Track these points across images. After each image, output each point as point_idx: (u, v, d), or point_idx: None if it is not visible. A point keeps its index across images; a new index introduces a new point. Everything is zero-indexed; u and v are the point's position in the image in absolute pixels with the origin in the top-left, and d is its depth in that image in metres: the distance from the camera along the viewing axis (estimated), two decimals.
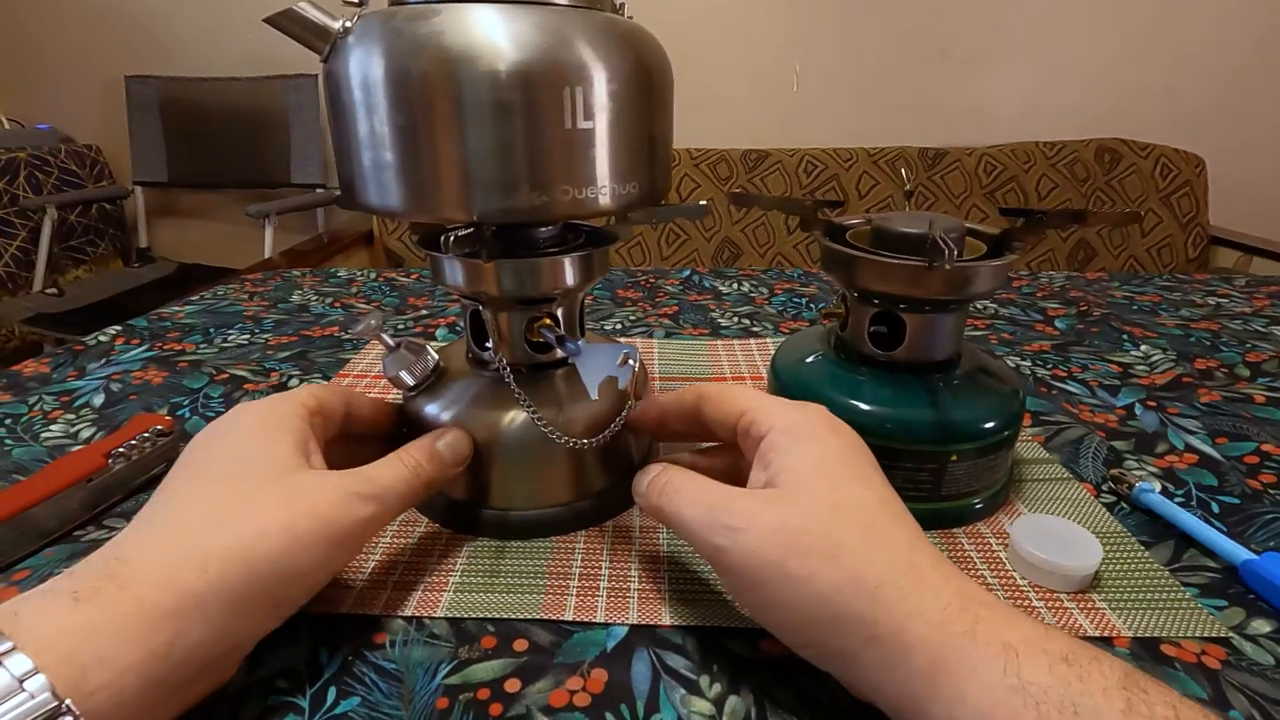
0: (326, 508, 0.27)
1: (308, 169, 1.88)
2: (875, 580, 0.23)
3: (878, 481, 0.27)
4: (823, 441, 0.28)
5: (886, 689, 0.23)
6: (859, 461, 0.28)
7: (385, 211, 0.31)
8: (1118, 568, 0.34)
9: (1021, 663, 0.20)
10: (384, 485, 0.29)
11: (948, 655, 0.21)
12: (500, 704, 0.27)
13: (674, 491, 0.28)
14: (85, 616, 0.21)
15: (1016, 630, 0.22)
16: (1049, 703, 0.19)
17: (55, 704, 0.19)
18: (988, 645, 0.21)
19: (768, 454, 0.28)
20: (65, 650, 0.20)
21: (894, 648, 0.22)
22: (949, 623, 0.22)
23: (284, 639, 0.30)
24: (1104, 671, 0.20)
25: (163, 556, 0.24)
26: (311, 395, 0.32)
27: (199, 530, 0.25)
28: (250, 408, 0.30)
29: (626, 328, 0.68)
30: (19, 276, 1.79)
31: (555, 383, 0.37)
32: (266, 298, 0.77)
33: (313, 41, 0.29)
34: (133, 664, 0.21)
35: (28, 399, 0.52)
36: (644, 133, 0.32)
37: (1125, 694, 0.19)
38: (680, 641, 0.30)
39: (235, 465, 0.27)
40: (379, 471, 0.30)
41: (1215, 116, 1.72)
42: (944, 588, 0.23)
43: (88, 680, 0.20)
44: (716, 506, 0.27)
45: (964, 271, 0.33)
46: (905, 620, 0.22)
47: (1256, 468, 0.42)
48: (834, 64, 1.76)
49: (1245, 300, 0.74)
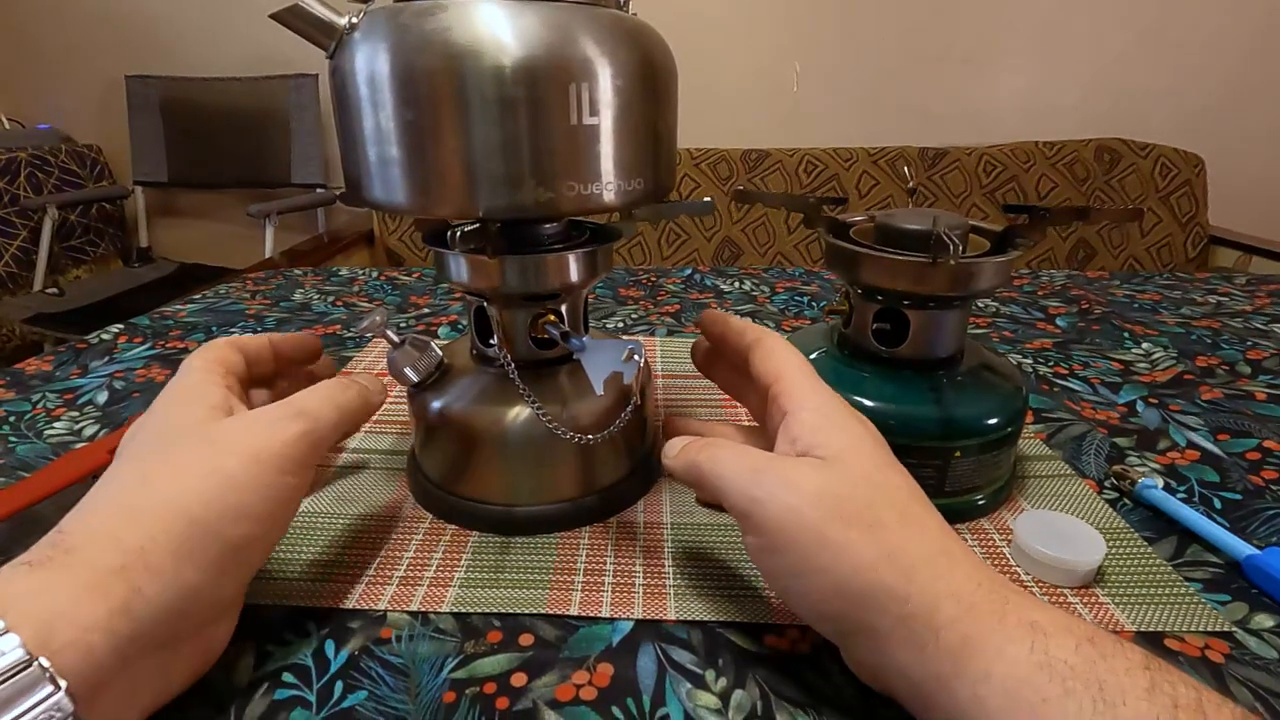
0: (249, 439, 0.27)
1: (308, 169, 1.88)
2: (911, 558, 0.24)
3: (905, 472, 0.28)
4: (855, 425, 0.28)
5: (910, 667, 0.23)
6: (886, 451, 0.28)
7: (391, 208, 0.31)
8: (1121, 563, 0.34)
9: (1049, 641, 0.21)
10: (307, 403, 0.29)
11: (976, 635, 0.22)
12: (507, 698, 0.27)
13: (715, 449, 0.28)
14: (41, 580, 0.21)
15: (1044, 613, 0.22)
16: (1075, 679, 0.20)
17: (26, 659, 0.19)
18: (1016, 625, 0.21)
19: (795, 429, 0.28)
20: (28, 609, 0.20)
21: (925, 625, 0.22)
22: (979, 604, 0.22)
23: (291, 634, 0.30)
24: (1127, 654, 0.20)
25: (102, 523, 0.24)
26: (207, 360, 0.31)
27: (130, 493, 0.25)
28: (165, 390, 0.30)
29: (628, 326, 0.68)
30: (19, 276, 1.79)
31: (560, 379, 0.37)
32: (268, 296, 0.77)
33: (318, 38, 0.30)
34: (96, 621, 0.21)
35: (31, 396, 0.52)
36: (649, 129, 0.32)
37: (1149, 674, 0.20)
38: (686, 636, 0.30)
39: (157, 435, 0.27)
40: (300, 394, 0.30)
41: (1215, 116, 1.72)
42: (974, 573, 0.24)
43: (54, 637, 0.20)
44: (759, 465, 0.27)
45: (968, 268, 0.33)
46: (938, 599, 0.23)
47: (1258, 464, 0.42)
48: (834, 64, 1.76)
49: (1246, 298, 0.74)
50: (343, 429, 0.31)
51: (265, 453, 0.27)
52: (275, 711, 0.26)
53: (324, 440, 0.29)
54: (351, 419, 0.31)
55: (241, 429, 0.27)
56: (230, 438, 0.27)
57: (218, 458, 0.26)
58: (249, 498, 0.26)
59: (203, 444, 0.26)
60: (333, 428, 0.30)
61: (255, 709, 0.26)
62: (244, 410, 0.29)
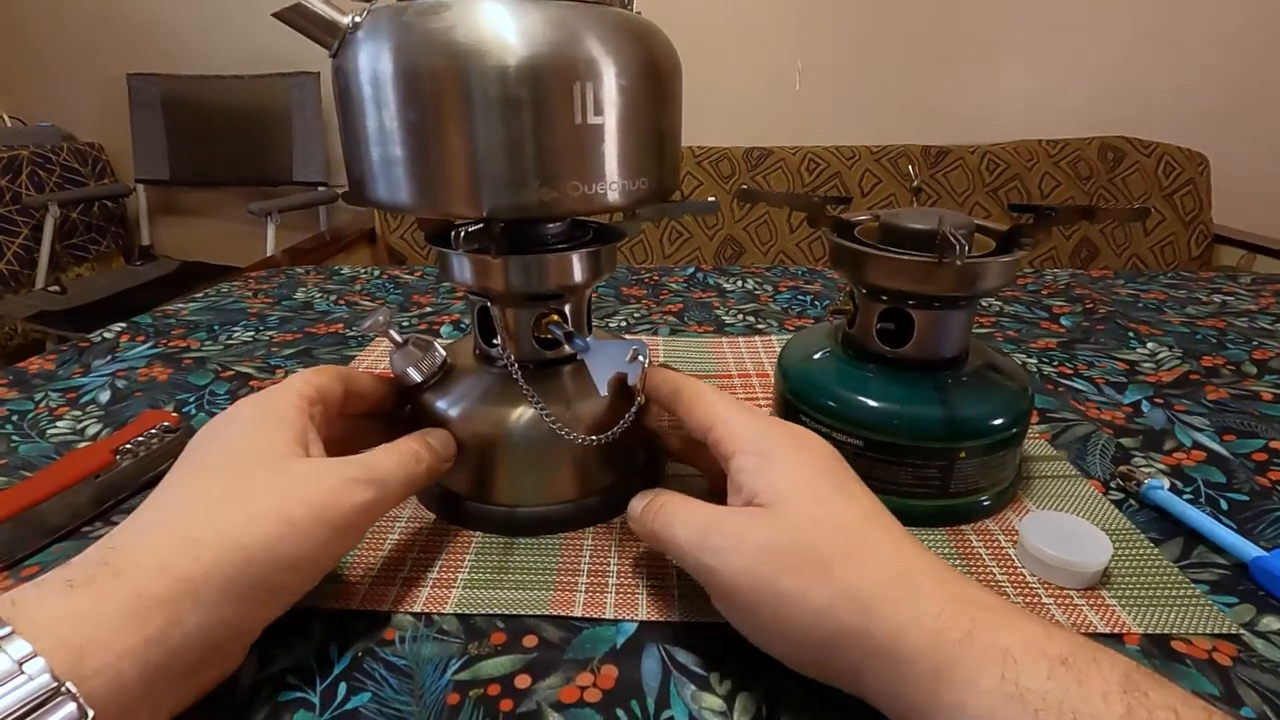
0: (322, 493, 0.27)
1: (310, 167, 1.88)
2: (867, 593, 0.23)
3: (859, 492, 0.27)
4: (796, 458, 0.28)
5: (891, 700, 0.23)
6: (837, 474, 0.28)
7: (394, 207, 0.31)
8: (1127, 564, 0.34)
9: (1020, 669, 0.20)
10: (382, 470, 0.29)
11: (945, 663, 0.21)
12: (511, 700, 0.27)
13: (668, 515, 0.28)
14: (80, 603, 0.21)
15: (1014, 633, 0.21)
16: (1047, 709, 0.19)
17: (54, 685, 0.19)
18: (985, 651, 0.21)
19: (739, 476, 0.28)
20: (62, 635, 0.20)
21: (892, 659, 0.22)
22: (944, 630, 0.22)
23: (295, 635, 0.30)
24: (1104, 674, 0.20)
25: (156, 545, 0.24)
26: (308, 384, 0.31)
27: (192, 519, 0.25)
28: (249, 401, 0.30)
29: (631, 325, 0.67)
30: (21, 274, 1.79)
31: (563, 379, 0.37)
32: (270, 295, 0.77)
33: (322, 36, 0.29)
34: (130, 649, 0.21)
35: (34, 396, 0.52)
36: (653, 128, 0.32)
37: (1125, 698, 0.19)
38: (690, 638, 0.30)
39: (231, 457, 0.27)
40: (376, 458, 0.30)
41: (1219, 115, 1.71)
42: (936, 593, 0.23)
43: (85, 664, 0.20)
44: (707, 528, 0.27)
45: (974, 268, 0.33)
46: (899, 631, 0.22)
47: (1265, 465, 0.42)
48: (837, 62, 1.76)
49: (1251, 298, 0.74)
50: (403, 498, 0.31)
51: (330, 511, 0.27)
52: (279, 713, 0.26)
53: (386, 509, 0.30)
54: (414, 490, 0.32)
55: (314, 480, 0.27)
56: (304, 486, 0.27)
57: (286, 505, 0.26)
58: (305, 550, 0.26)
59: (276, 485, 0.26)
60: (396, 499, 0.30)
61: (259, 711, 0.26)
62: (319, 449, 0.29)
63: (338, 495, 0.27)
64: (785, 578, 0.24)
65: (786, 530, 0.25)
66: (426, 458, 0.32)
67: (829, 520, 0.26)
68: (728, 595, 0.26)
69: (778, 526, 0.25)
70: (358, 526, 0.28)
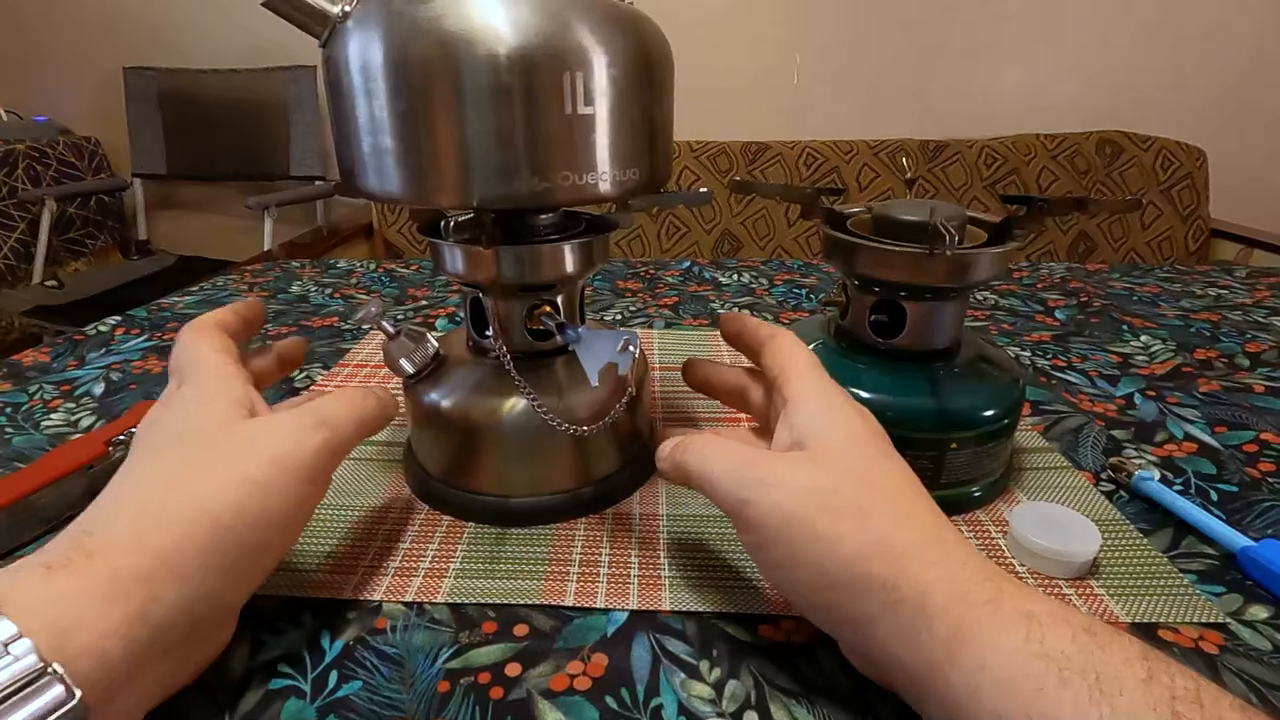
0: (276, 446, 0.27)
1: (307, 161, 1.87)
2: (901, 546, 0.24)
3: (903, 463, 0.28)
4: (852, 417, 0.28)
5: (904, 656, 0.23)
6: (885, 442, 0.28)
7: (385, 198, 0.31)
8: (1116, 555, 0.34)
9: (1045, 630, 0.21)
10: (329, 412, 0.29)
11: (970, 623, 0.21)
12: (501, 688, 0.27)
13: (701, 448, 0.29)
14: (60, 584, 0.21)
15: (1040, 603, 0.22)
16: (1071, 669, 0.19)
17: (41, 666, 0.19)
18: (1011, 615, 0.21)
19: (793, 416, 0.28)
20: (46, 616, 0.20)
21: (915, 613, 0.22)
22: (972, 592, 0.22)
23: (286, 623, 0.30)
24: (1125, 646, 0.20)
25: (128, 523, 0.24)
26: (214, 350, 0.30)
27: (159, 494, 0.25)
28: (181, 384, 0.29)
29: (626, 318, 0.68)
30: (18, 269, 1.79)
31: (556, 370, 0.37)
32: (266, 288, 0.77)
33: (311, 26, 0.29)
34: (113, 627, 0.21)
35: (28, 388, 0.52)
36: (644, 118, 0.32)
37: (1147, 665, 0.19)
38: (680, 626, 0.30)
39: (183, 432, 0.27)
40: (321, 402, 0.30)
41: (1217, 109, 1.71)
42: (968, 560, 0.23)
43: (70, 644, 0.20)
44: (746, 464, 0.27)
45: (965, 259, 0.33)
46: (929, 587, 0.22)
47: (1255, 456, 0.42)
48: (834, 56, 1.75)
49: (1246, 291, 0.74)
50: (360, 438, 0.31)
51: (291, 460, 0.27)
52: (270, 701, 0.26)
53: (343, 450, 0.30)
54: (368, 429, 0.32)
55: (267, 434, 0.27)
56: (257, 443, 0.27)
57: (245, 464, 0.26)
58: (273, 505, 0.26)
59: (232, 449, 0.26)
60: (352, 437, 0.30)
61: (250, 699, 0.26)
62: (263, 406, 0.29)
63: (293, 444, 0.27)
64: (824, 519, 0.24)
65: (835, 476, 0.25)
66: (372, 397, 0.32)
67: (875, 476, 0.26)
68: (757, 529, 0.26)
69: (826, 471, 0.26)
70: (320, 469, 0.28)
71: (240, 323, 0.34)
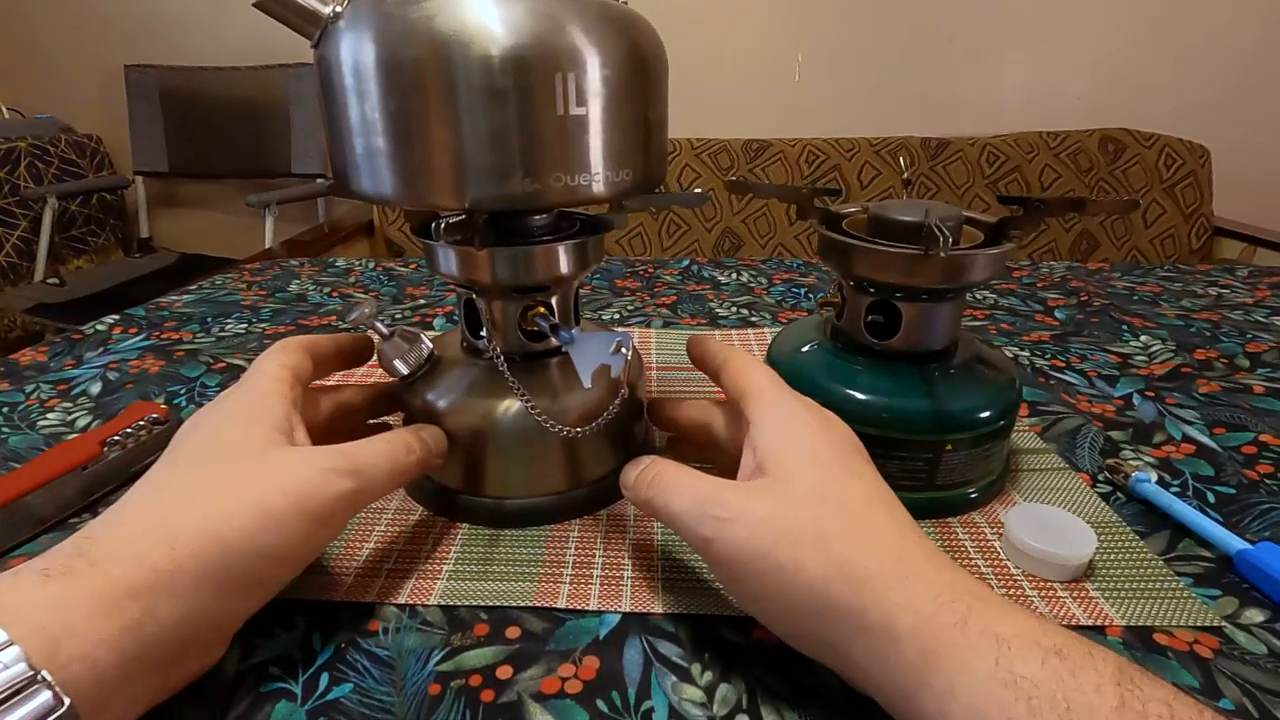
0: (301, 483, 0.26)
1: (308, 159, 1.87)
2: (864, 570, 0.23)
3: (868, 473, 0.27)
4: (813, 432, 0.28)
5: (878, 680, 0.23)
6: (849, 453, 0.28)
7: (377, 199, 0.31)
8: (1112, 557, 0.34)
9: (1014, 655, 0.20)
10: (365, 461, 0.29)
11: (938, 647, 0.21)
12: (492, 690, 0.27)
13: (663, 484, 0.28)
14: (55, 592, 0.21)
15: (1009, 623, 0.21)
16: (1040, 697, 0.19)
17: (30, 674, 0.19)
18: (979, 636, 0.21)
19: (756, 439, 0.28)
20: (38, 623, 0.20)
21: (883, 638, 0.22)
22: (939, 614, 0.22)
23: (278, 626, 0.30)
24: (1098, 667, 0.20)
25: (132, 536, 0.24)
26: (281, 366, 0.31)
27: (169, 510, 0.25)
28: (233, 390, 0.30)
29: (624, 318, 0.67)
30: (20, 266, 1.79)
31: (550, 371, 0.37)
32: (264, 287, 0.77)
33: (303, 26, 0.29)
34: (106, 638, 0.21)
35: (25, 387, 0.52)
36: (638, 119, 0.32)
37: (1119, 690, 0.19)
38: (672, 629, 0.30)
39: (213, 448, 0.27)
40: (360, 448, 0.29)
41: (1220, 107, 1.70)
42: (936, 579, 0.23)
43: (61, 653, 0.20)
44: (705, 498, 0.27)
45: (959, 260, 0.33)
46: (894, 610, 0.22)
47: (1254, 458, 0.42)
48: (836, 53, 1.75)
49: (1247, 291, 0.74)
50: (391, 489, 0.31)
51: (310, 501, 0.26)
52: (261, 703, 0.26)
53: (369, 499, 0.29)
54: (401, 481, 0.31)
55: (294, 468, 0.27)
56: (283, 476, 0.26)
57: (265, 493, 0.26)
58: (284, 540, 0.26)
59: (255, 475, 0.26)
60: (381, 489, 0.30)
61: (241, 701, 0.26)
62: (304, 435, 0.29)
63: (317, 485, 0.27)
64: (783, 550, 0.24)
65: (789, 504, 0.25)
66: (417, 450, 0.32)
67: (833, 496, 0.26)
68: (724, 565, 0.26)
69: (781, 500, 0.25)
70: (338, 517, 0.28)
71: (334, 351, 0.35)
